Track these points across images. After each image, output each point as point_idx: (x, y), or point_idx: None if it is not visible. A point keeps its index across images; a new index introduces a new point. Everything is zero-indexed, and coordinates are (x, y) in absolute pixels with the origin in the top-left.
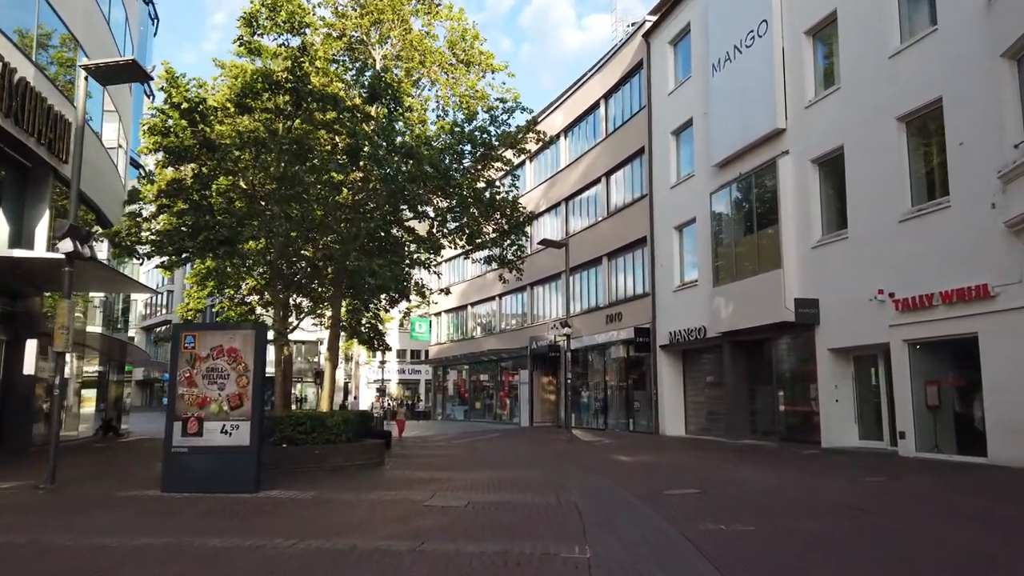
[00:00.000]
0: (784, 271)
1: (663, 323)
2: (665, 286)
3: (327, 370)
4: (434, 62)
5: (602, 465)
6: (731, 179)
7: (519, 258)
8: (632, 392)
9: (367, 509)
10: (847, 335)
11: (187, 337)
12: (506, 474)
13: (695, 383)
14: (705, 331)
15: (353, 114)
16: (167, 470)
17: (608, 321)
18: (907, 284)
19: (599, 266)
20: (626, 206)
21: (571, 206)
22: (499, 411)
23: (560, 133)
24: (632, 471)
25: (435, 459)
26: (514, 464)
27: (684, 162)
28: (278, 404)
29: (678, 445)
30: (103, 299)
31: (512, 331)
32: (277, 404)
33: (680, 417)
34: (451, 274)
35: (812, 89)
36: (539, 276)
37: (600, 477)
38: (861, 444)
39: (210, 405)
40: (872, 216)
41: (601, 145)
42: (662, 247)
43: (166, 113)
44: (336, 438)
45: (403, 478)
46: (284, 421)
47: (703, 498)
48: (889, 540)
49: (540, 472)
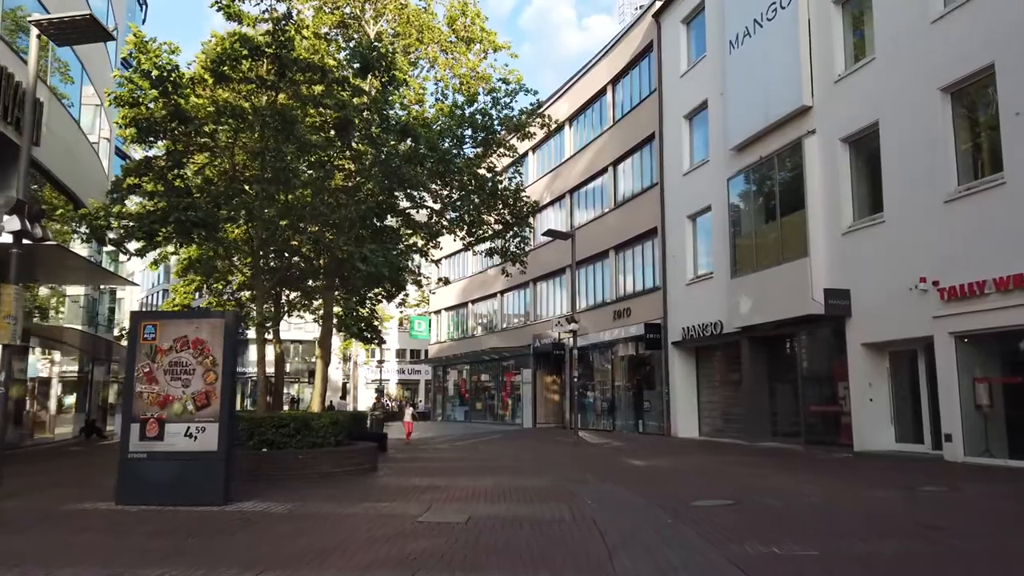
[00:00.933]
0: (811, 260)
1: (675, 318)
2: (677, 279)
3: (318, 368)
4: (432, 40)
5: (615, 470)
6: (751, 163)
7: (523, 251)
8: (641, 392)
9: (349, 527)
10: (883, 328)
11: (146, 327)
12: (511, 481)
13: (709, 382)
14: (721, 326)
15: (343, 86)
16: (122, 479)
17: (616, 317)
18: (954, 271)
19: (605, 260)
20: (635, 196)
21: (576, 198)
22: (501, 412)
23: (565, 122)
24: (650, 477)
25: (433, 463)
26: (519, 469)
27: (698, 147)
28: (260, 403)
29: (693, 448)
30: (86, 296)
31: (514, 329)
32: (260, 404)
33: (693, 418)
34: (452, 270)
35: (842, 62)
36: (542, 271)
37: (616, 485)
38: (898, 448)
39: (173, 405)
40: (912, 197)
41: (608, 133)
42: (674, 238)
43: (135, 82)
44: (323, 441)
45: (396, 486)
46: (265, 422)
47: (740, 512)
48: (986, 567)
49: (548, 478)
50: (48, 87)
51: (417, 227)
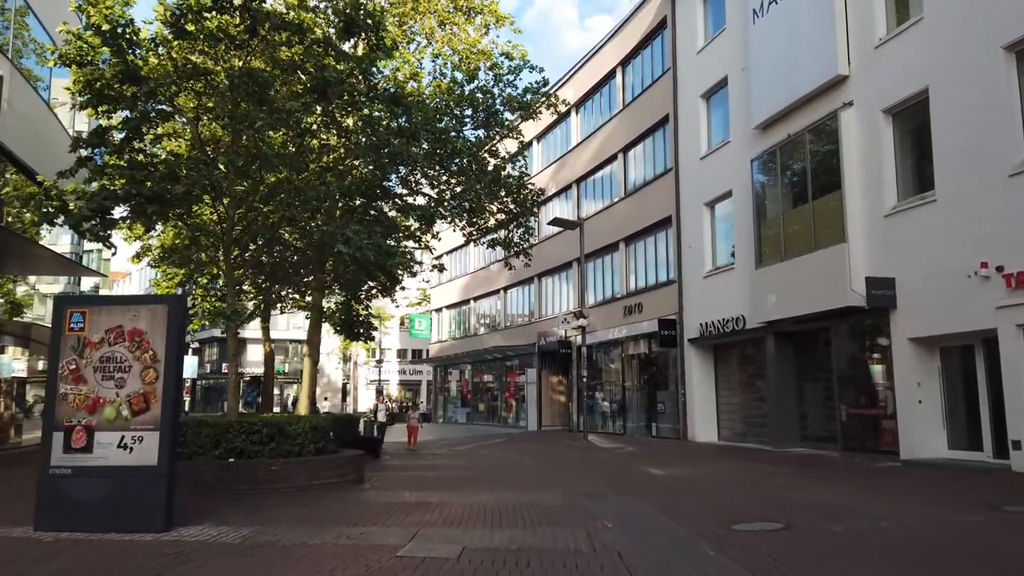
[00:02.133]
0: (849, 246)
1: (692, 314)
2: (694, 271)
3: (306, 367)
4: (429, 9)
5: (633, 480)
6: (778, 142)
7: (527, 241)
8: (654, 392)
9: (310, 565)
10: (934, 321)
11: (73, 314)
12: (515, 496)
13: (729, 381)
14: (744, 321)
15: (324, 48)
16: (42, 500)
17: (626, 313)
18: (1021, 254)
19: (615, 252)
20: (647, 183)
21: (583, 188)
22: (504, 414)
23: (571, 109)
24: (675, 490)
25: (428, 472)
26: (524, 480)
27: (717, 128)
28: (230, 406)
29: (714, 453)
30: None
31: (518, 327)
32: (230, 407)
33: (712, 420)
34: (453, 266)
35: (883, 25)
36: (547, 266)
37: (637, 500)
38: (951, 456)
39: (104, 409)
40: (969, 172)
41: (617, 118)
42: (690, 227)
43: (83, 39)
44: (301, 449)
45: (380, 504)
46: (233, 428)
47: (796, 540)
48: None
49: (558, 492)
50: (10, 61)
51: (410, 209)
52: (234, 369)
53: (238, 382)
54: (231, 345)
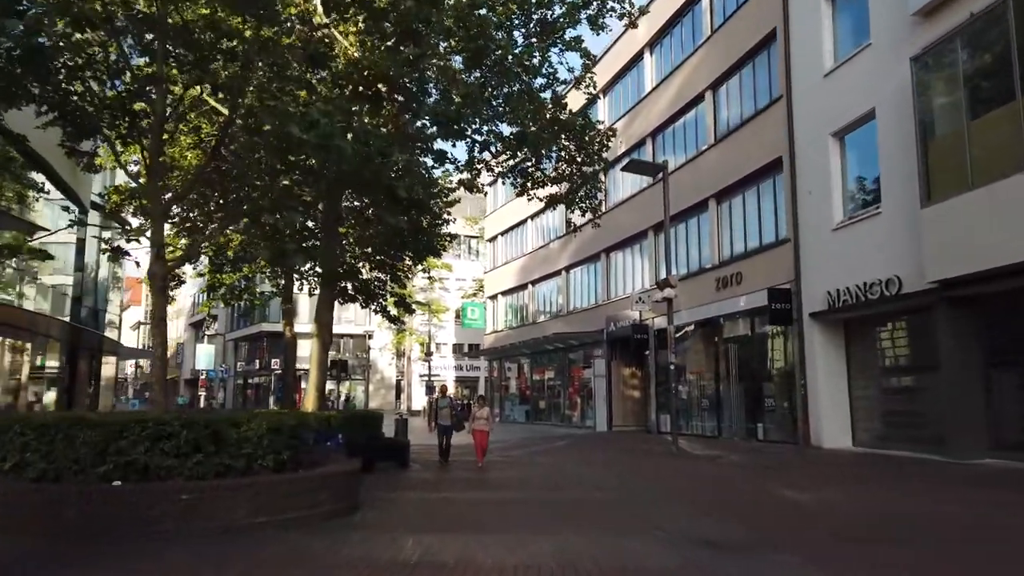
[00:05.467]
0: None
1: (814, 280)
2: (817, 225)
3: (314, 352)
4: None
5: (773, 514)
6: (954, 26)
7: (594, 196)
8: (760, 384)
9: None
10: None
11: None
12: (587, 545)
13: (867, 368)
14: (900, 283)
15: None
16: None
17: (720, 287)
18: None
19: (703, 213)
20: (745, 123)
21: (660, 140)
22: (568, 412)
23: (643, 49)
24: (850, 539)
25: (458, 495)
26: (598, 508)
27: (846, 32)
28: (156, 398)
29: (859, 466)
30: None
31: (583, 311)
32: (156, 399)
33: (844, 420)
34: (508, 248)
35: None
36: (616, 239)
37: (798, 557)
38: None
39: None
40: None
41: (703, 49)
42: (809, 168)
43: None
44: (248, 464)
45: (356, 564)
46: (131, 430)
47: None
48: None
49: (659, 537)
50: None
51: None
52: (160, 340)
53: (164, 355)
54: (155, 307)
